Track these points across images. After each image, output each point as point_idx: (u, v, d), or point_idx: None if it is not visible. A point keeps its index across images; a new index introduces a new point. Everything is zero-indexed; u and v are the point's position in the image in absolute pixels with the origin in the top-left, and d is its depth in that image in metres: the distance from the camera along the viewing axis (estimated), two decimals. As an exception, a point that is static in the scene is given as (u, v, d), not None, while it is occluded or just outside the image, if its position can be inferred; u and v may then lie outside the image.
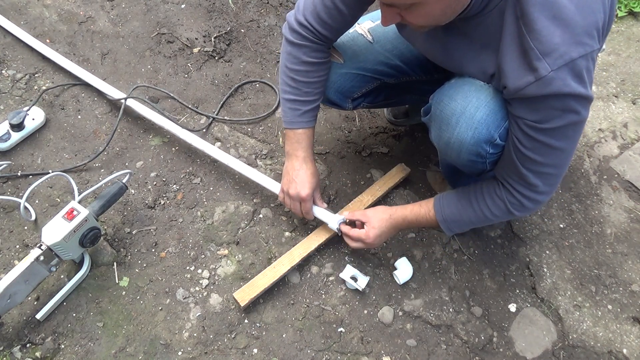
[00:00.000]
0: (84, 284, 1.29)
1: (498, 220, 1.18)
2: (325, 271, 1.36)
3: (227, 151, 1.56)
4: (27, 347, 1.19)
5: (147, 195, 1.45)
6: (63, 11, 1.85)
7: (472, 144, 1.03)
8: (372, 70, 1.28)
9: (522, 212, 1.07)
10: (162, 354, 1.21)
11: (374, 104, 1.41)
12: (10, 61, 1.69)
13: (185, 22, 1.88)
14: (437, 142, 1.13)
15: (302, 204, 1.28)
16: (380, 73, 1.29)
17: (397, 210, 1.23)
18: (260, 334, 1.26)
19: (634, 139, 1.71)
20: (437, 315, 1.32)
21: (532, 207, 1.06)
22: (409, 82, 1.34)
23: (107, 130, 1.57)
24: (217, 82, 1.74)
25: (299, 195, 1.26)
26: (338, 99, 1.30)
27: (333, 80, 1.27)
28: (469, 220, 1.15)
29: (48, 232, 1.17)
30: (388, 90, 1.37)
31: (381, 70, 1.28)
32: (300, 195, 1.26)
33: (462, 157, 1.08)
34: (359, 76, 1.28)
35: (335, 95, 1.29)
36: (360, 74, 1.28)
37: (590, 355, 1.29)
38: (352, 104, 1.34)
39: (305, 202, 1.27)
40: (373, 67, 1.27)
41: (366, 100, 1.36)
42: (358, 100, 1.34)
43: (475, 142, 1.02)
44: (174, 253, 1.36)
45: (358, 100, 1.34)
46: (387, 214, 1.23)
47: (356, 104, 1.35)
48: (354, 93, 1.31)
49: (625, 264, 1.44)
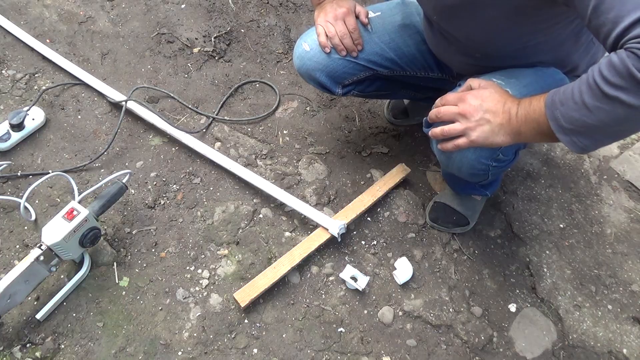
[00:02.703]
0: (84, 284, 1.29)
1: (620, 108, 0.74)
2: (325, 271, 1.36)
3: (227, 151, 1.56)
4: (27, 347, 1.19)
5: (147, 195, 1.45)
6: (63, 11, 1.85)
7: (474, 159, 1.02)
8: (365, 60, 1.26)
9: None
10: (162, 354, 1.21)
11: (365, 94, 1.39)
12: (10, 61, 1.69)
13: (185, 22, 1.88)
14: (439, 155, 1.11)
15: (346, 20, 1.21)
16: (374, 63, 1.27)
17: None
18: (260, 334, 1.26)
19: (634, 139, 1.71)
20: (437, 315, 1.32)
21: None
22: (402, 77, 1.33)
23: (107, 130, 1.57)
24: (217, 82, 1.74)
25: (340, 10, 1.20)
26: (329, 83, 1.29)
27: (325, 64, 1.25)
28: (581, 102, 0.77)
29: (48, 232, 1.17)
30: (380, 82, 1.36)
31: (375, 61, 1.27)
32: (340, 9, 1.20)
33: (464, 171, 1.07)
34: (352, 63, 1.26)
35: (326, 79, 1.27)
36: (353, 62, 1.26)
37: (590, 355, 1.29)
38: (342, 90, 1.32)
39: (348, 16, 1.21)
40: (367, 57, 1.26)
41: (357, 89, 1.34)
42: (349, 87, 1.32)
43: (477, 157, 1.01)
44: (174, 253, 1.36)
45: (348, 87, 1.32)
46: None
47: (346, 90, 1.33)
48: (345, 79, 1.30)
49: (625, 264, 1.44)
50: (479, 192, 1.39)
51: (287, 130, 1.64)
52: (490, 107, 0.90)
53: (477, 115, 0.90)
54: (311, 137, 1.63)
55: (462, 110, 0.92)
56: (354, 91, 1.35)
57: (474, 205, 1.44)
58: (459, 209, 1.42)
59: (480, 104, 0.90)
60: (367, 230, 1.44)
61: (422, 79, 1.33)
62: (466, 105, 0.92)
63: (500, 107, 0.89)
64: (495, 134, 0.90)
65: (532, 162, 1.63)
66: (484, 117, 0.90)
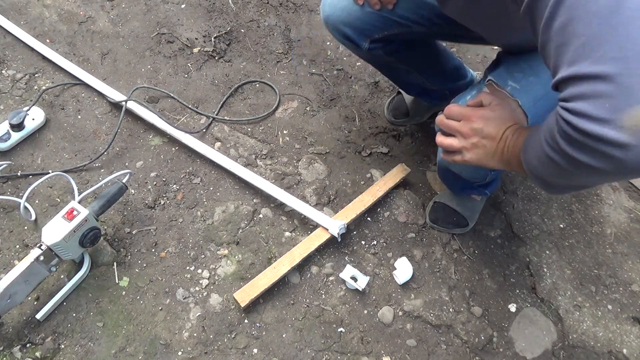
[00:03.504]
0: (84, 284, 1.29)
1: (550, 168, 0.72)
2: (325, 271, 1.36)
3: (227, 151, 1.56)
4: (27, 347, 1.19)
5: (147, 195, 1.45)
6: (63, 11, 1.85)
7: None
8: (399, 15, 1.22)
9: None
10: (162, 354, 1.21)
11: (389, 55, 1.32)
12: (10, 61, 1.69)
13: (185, 22, 1.88)
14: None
15: None
16: (408, 20, 1.22)
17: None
18: (260, 334, 1.26)
19: (634, 139, 1.71)
20: (437, 315, 1.32)
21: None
22: (435, 34, 1.28)
23: (107, 130, 1.57)
24: (217, 82, 1.74)
25: None
26: (356, 35, 1.24)
27: (357, 16, 1.21)
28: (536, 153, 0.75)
29: (48, 232, 1.17)
30: (407, 50, 1.32)
31: (409, 17, 1.22)
32: None
33: (464, 171, 1.07)
34: (384, 18, 1.22)
35: (354, 31, 1.23)
36: (386, 16, 1.22)
37: (590, 355, 1.29)
38: (369, 45, 1.27)
39: None
40: (401, 13, 1.21)
41: (384, 49, 1.29)
42: (376, 43, 1.27)
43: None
44: (174, 253, 1.36)
45: (376, 44, 1.28)
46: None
47: (373, 46, 1.28)
48: (375, 34, 1.25)
49: (625, 264, 1.44)
50: (478, 192, 1.39)
51: (287, 130, 1.64)
52: (489, 133, 0.89)
53: (474, 139, 0.91)
54: (311, 137, 1.63)
55: (461, 130, 0.92)
56: (380, 50, 1.30)
57: (473, 205, 1.44)
58: (459, 209, 1.42)
59: (481, 128, 0.90)
60: (367, 230, 1.44)
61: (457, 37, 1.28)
62: (466, 127, 0.92)
63: (500, 134, 0.89)
64: (489, 159, 0.90)
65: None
66: (481, 142, 0.90)
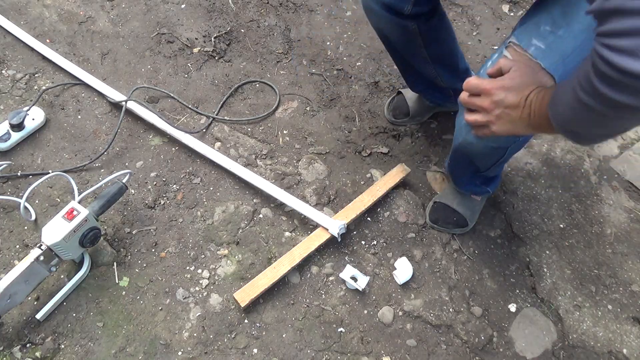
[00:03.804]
0: (84, 284, 1.29)
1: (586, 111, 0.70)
2: (325, 271, 1.36)
3: (227, 151, 1.56)
4: (27, 347, 1.19)
5: (147, 195, 1.45)
6: (63, 11, 1.85)
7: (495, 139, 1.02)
8: None
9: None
10: (162, 354, 1.21)
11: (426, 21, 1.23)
12: (10, 61, 1.69)
13: (185, 22, 1.88)
14: (459, 124, 1.08)
15: None
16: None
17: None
18: (260, 334, 1.26)
19: (634, 139, 1.71)
20: (437, 315, 1.32)
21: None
22: None
23: (107, 130, 1.57)
24: (217, 82, 1.74)
25: None
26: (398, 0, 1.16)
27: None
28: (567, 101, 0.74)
29: (48, 232, 1.17)
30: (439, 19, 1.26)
31: None
32: None
33: (485, 151, 1.06)
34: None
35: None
36: None
37: (590, 355, 1.29)
38: (412, 8, 1.17)
39: None
40: None
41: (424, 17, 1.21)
42: (418, 7, 1.18)
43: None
44: (174, 253, 1.36)
45: (418, 8, 1.18)
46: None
47: (415, 11, 1.18)
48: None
49: (625, 264, 1.44)
50: (480, 189, 1.39)
51: (287, 130, 1.64)
52: (511, 102, 0.86)
53: (497, 110, 0.88)
54: (311, 137, 1.63)
55: (483, 105, 0.90)
56: (419, 20, 1.21)
57: (473, 205, 1.44)
58: (459, 209, 1.42)
59: (502, 99, 0.87)
60: (367, 230, 1.44)
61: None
62: (487, 101, 0.89)
63: (523, 101, 0.85)
64: (517, 126, 0.88)
65: (532, 162, 1.63)
66: (505, 112, 0.87)
